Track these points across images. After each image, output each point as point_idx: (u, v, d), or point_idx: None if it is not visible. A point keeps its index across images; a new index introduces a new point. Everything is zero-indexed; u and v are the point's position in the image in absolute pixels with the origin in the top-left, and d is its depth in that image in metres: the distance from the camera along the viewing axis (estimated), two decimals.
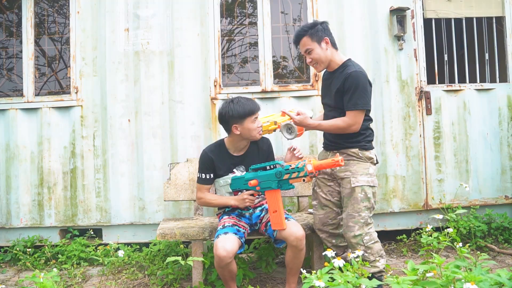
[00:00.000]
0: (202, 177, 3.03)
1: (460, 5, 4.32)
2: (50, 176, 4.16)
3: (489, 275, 1.67)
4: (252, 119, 2.92)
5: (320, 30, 2.86)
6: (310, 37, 2.86)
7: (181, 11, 4.17)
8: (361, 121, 2.77)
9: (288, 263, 2.86)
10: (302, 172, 2.62)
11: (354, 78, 2.73)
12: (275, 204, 2.73)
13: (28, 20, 4.26)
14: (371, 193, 2.81)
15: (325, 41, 2.86)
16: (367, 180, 2.80)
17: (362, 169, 2.81)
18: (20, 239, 4.08)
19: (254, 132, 2.94)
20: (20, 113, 4.18)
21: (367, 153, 2.85)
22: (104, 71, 4.15)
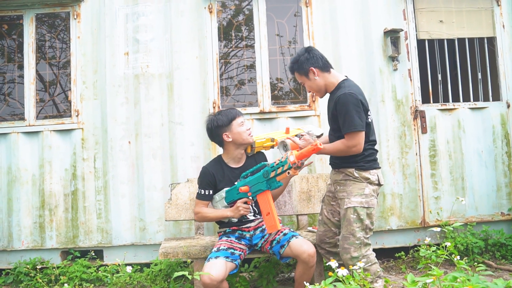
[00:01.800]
0: (201, 193, 3.12)
1: (452, 26, 4.43)
2: (51, 198, 4.20)
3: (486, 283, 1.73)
4: (238, 122, 3.06)
5: (304, 62, 2.87)
6: (298, 72, 2.92)
7: (179, 34, 4.27)
8: (362, 141, 2.71)
9: (297, 279, 2.96)
10: (286, 165, 2.67)
11: (343, 101, 2.70)
12: (267, 207, 2.78)
13: (30, 46, 4.35)
14: (365, 214, 2.76)
15: (311, 72, 2.86)
16: (360, 201, 2.76)
17: (357, 189, 2.78)
18: (21, 261, 4.11)
19: (244, 134, 3.06)
20: (21, 137, 4.24)
21: (365, 173, 2.80)
22: (105, 94, 4.23)
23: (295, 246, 2.87)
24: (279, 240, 2.99)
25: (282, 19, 4.41)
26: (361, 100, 2.73)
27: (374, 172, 2.83)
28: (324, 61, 2.91)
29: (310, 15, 4.33)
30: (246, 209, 2.94)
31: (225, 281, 2.84)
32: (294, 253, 2.88)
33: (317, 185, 3.86)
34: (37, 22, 4.40)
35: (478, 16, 4.48)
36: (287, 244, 2.93)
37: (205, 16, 4.30)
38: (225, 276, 2.78)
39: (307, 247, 2.85)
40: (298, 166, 2.68)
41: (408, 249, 4.26)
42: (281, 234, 3.02)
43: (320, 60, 2.89)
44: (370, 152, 2.85)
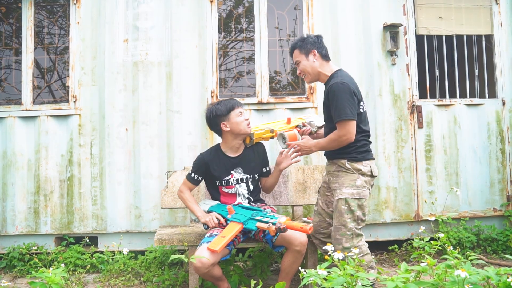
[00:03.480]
0: (191, 175, 3.18)
1: (451, 23, 4.46)
2: (46, 184, 4.18)
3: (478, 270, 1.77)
4: (236, 113, 3.08)
5: (310, 43, 2.95)
6: (299, 49, 2.97)
7: (179, 23, 4.26)
8: (353, 130, 2.73)
9: (285, 268, 2.94)
10: (272, 220, 2.72)
11: (335, 90, 2.75)
12: (228, 232, 2.80)
13: (28, 30, 4.32)
14: (356, 205, 2.78)
15: (313, 53, 2.94)
16: (351, 192, 2.78)
17: (348, 180, 2.80)
18: (15, 246, 4.09)
19: (242, 125, 3.08)
20: (18, 121, 4.22)
21: (357, 164, 2.81)
22: (103, 81, 4.21)
23: (287, 234, 2.87)
24: None
25: (282, 10, 4.42)
26: (353, 90, 2.76)
27: (367, 163, 2.85)
28: (326, 52, 3.02)
29: (310, 7, 4.34)
30: (214, 223, 2.97)
31: (217, 266, 2.87)
32: (287, 240, 2.88)
33: (313, 176, 3.88)
34: (36, 7, 4.37)
35: (477, 14, 4.51)
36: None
37: (205, 5, 4.29)
38: (216, 260, 2.80)
39: (299, 235, 2.86)
40: (280, 230, 2.65)
41: (401, 242, 4.30)
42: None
43: (324, 49, 3.00)
44: (363, 143, 2.87)
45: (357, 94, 2.80)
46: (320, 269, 1.80)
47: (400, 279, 1.78)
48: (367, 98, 4.30)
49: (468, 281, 1.70)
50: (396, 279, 1.77)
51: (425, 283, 1.85)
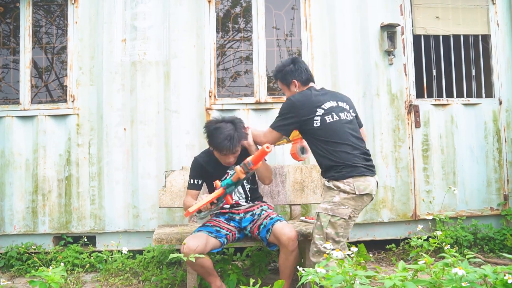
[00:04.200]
0: (191, 182, 3.20)
1: (448, 23, 4.48)
2: (44, 183, 4.19)
3: (475, 268, 1.78)
4: (221, 153, 3.02)
5: (288, 74, 2.95)
6: (281, 81, 3.02)
7: (177, 23, 4.27)
8: (270, 139, 2.91)
9: (280, 266, 2.95)
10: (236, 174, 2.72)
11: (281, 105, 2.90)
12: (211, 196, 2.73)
13: (26, 29, 4.32)
14: (327, 222, 2.66)
15: (293, 84, 2.95)
16: (325, 208, 2.69)
17: (328, 196, 2.72)
18: (13, 246, 4.09)
19: (223, 161, 3.11)
20: (16, 121, 4.22)
21: (338, 182, 2.68)
22: (101, 80, 4.22)
23: (276, 229, 2.89)
24: (265, 224, 3.00)
25: (280, 10, 4.43)
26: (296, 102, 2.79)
27: (349, 181, 2.67)
28: (308, 76, 2.97)
29: (308, 7, 4.36)
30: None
31: (206, 257, 2.87)
32: (276, 236, 2.89)
33: (311, 176, 3.89)
34: (33, 6, 4.37)
35: (474, 14, 4.53)
36: (271, 229, 2.94)
37: (203, 5, 4.30)
38: (204, 248, 2.82)
39: (287, 230, 2.85)
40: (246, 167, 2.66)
41: (399, 241, 4.31)
42: (268, 218, 3.05)
43: (304, 74, 2.96)
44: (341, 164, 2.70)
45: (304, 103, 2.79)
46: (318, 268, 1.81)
47: (398, 278, 1.79)
48: (364, 97, 4.32)
49: (466, 279, 1.71)
50: (394, 278, 1.78)
51: (422, 281, 1.86)
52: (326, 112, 2.78)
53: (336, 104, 2.85)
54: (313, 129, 2.77)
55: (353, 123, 2.87)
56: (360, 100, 4.30)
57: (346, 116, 2.84)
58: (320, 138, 2.77)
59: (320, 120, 2.77)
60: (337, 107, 2.84)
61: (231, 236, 3.07)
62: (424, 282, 1.86)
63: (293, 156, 3.09)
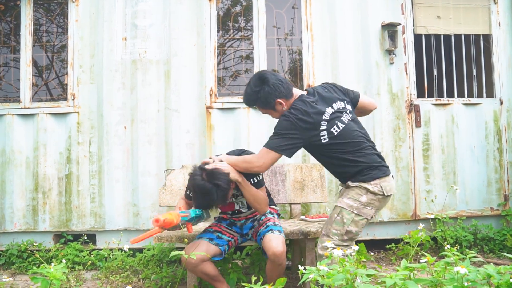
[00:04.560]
0: (187, 192, 3.00)
1: (449, 22, 4.47)
2: (45, 181, 4.19)
3: (477, 268, 1.77)
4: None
5: (267, 97, 2.61)
6: (261, 106, 2.70)
7: (178, 21, 4.27)
8: (267, 162, 2.56)
9: (266, 272, 2.87)
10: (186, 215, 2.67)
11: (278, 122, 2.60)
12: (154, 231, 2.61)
13: (27, 28, 4.32)
14: (350, 219, 2.54)
15: (278, 103, 2.62)
16: (350, 205, 2.55)
17: (354, 193, 2.57)
18: (14, 244, 4.10)
19: None
20: (16, 119, 4.23)
21: (366, 184, 2.55)
22: (101, 79, 4.22)
23: (265, 241, 2.76)
24: (260, 232, 2.92)
25: (281, 9, 4.42)
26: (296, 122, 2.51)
27: (376, 183, 2.56)
28: (286, 86, 2.65)
29: (309, 6, 4.35)
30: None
31: (209, 263, 2.85)
32: (264, 248, 2.78)
33: (311, 175, 3.89)
34: (34, 5, 4.37)
35: (475, 13, 4.52)
36: (263, 238, 2.82)
37: (204, 3, 4.29)
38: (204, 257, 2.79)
39: (274, 244, 2.69)
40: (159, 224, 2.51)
41: (398, 241, 4.31)
42: (264, 226, 2.95)
43: (282, 86, 2.63)
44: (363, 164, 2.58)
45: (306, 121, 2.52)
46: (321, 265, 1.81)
47: (399, 276, 1.78)
48: None
49: (467, 278, 1.71)
50: (395, 276, 1.77)
51: (423, 280, 1.86)
52: (329, 123, 2.56)
53: (332, 109, 2.61)
54: (322, 145, 2.57)
55: (356, 121, 2.69)
56: None
57: (348, 117, 2.64)
58: (334, 152, 2.58)
59: (328, 135, 2.55)
60: (337, 112, 2.61)
61: (233, 242, 3.03)
62: (425, 281, 1.86)
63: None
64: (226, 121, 4.21)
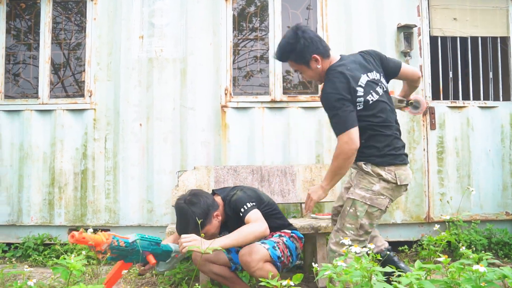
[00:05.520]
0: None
1: (465, 25, 4.44)
2: (61, 177, 4.26)
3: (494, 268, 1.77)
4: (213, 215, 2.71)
5: (304, 50, 2.45)
6: (295, 61, 2.52)
7: (194, 20, 4.31)
8: (349, 139, 2.33)
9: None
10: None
11: (322, 103, 2.46)
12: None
13: (46, 25, 4.40)
14: (364, 211, 2.42)
15: (314, 60, 2.47)
16: (363, 196, 2.43)
17: (366, 182, 2.45)
18: (30, 237, 4.17)
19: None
20: (34, 114, 4.30)
21: (378, 169, 2.43)
22: (118, 76, 4.28)
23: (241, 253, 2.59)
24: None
25: (296, 9, 4.44)
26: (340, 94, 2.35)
27: (391, 169, 2.43)
28: (325, 44, 2.51)
29: (325, 7, 4.36)
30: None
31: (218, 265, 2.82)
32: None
33: (320, 175, 3.91)
34: (53, 3, 4.45)
35: (492, 15, 4.48)
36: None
37: (220, 3, 4.33)
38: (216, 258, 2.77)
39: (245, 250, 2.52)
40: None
41: (411, 243, 4.29)
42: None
43: (320, 43, 2.48)
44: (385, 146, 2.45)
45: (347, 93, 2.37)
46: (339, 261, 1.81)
47: (414, 276, 1.78)
48: None
49: (484, 279, 1.70)
50: (410, 276, 1.77)
51: (439, 281, 1.85)
52: (365, 90, 2.41)
53: (368, 78, 2.46)
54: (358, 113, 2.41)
55: (389, 98, 2.58)
56: None
57: (381, 87, 2.50)
58: (364, 121, 2.41)
59: (364, 102, 2.41)
60: (372, 81, 2.47)
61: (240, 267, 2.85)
62: (440, 282, 1.86)
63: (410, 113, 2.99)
64: (241, 120, 4.24)
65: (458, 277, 1.87)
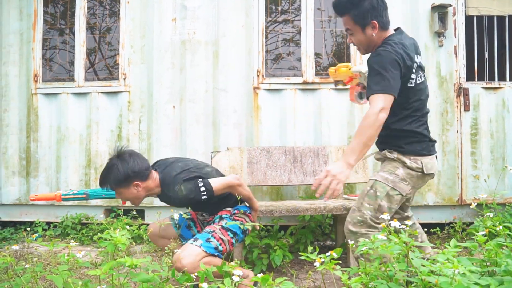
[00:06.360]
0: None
1: (504, 3, 4.33)
2: (97, 158, 4.36)
3: None
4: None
5: (368, 11, 2.26)
6: (353, 19, 2.32)
7: (226, 2, 4.31)
8: (386, 105, 2.15)
9: None
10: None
11: (371, 60, 2.25)
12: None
13: (81, 9, 4.47)
14: (384, 193, 2.32)
15: (372, 26, 2.29)
16: (385, 178, 2.33)
17: (390, 167, 2.37)
18: (68, 216, 4.31)
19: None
20: (71, 97, 4.40)
21: (404, 157, 2.34)
22: (151, 59, 4.33)
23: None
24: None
25: None
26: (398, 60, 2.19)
27: (416, 159, 2.35)
28: (387, 18, 2.35)
29: None
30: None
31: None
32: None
33: None
34: None
35: None
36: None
37: None
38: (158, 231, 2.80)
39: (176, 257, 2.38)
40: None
41: (443, 225, 4.28)
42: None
43: (384, 12, 2.32)
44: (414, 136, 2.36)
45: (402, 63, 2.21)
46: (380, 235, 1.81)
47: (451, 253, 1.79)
48: None
49: None
50: (446, 253, 1.78)
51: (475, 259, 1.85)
52: (416, 69, 2.29)
53: (418, 59, 2.35)
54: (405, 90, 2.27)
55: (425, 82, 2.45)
56: None
57: (425, 74, 2.42)
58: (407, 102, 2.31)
59: (415, 80, 2.28)
60: (421, 64, 2.37)
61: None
62: (477, 260, 1.86)
63: (351, 100, 2.75)
64: (273, 102, 4.25)
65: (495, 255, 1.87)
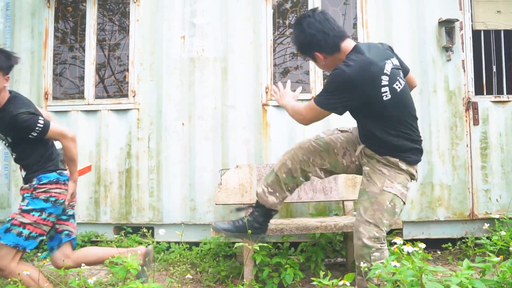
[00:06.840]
0: None
1: (510, 17, 4.35)
2: (106, 175, 4.37)
3: None
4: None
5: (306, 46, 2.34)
6: (303, 53, 2.44)
7: (235, 19, 4.35)
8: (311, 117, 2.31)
9: None
10: None
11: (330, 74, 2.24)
12: None
13: (91, 27, 4.51)
14: (400, 208, 2.32)
15: (316, 56, 2.34)
16: (401, 192, 2.30)
17: (402, 179, 2.33)
18: (77, 234, 4.28)
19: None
20: (80, 115, 4.42)
21: (411, 168, 2.35)
22: (161, 76, 4.36)
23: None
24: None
25: (336, 6, 4.43)
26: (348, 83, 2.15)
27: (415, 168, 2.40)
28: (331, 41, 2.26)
29: (364, 3, 4.33)
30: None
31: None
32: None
33: None
34: (98, 5, 4.55)
35: None
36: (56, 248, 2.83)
37: (260, 1, 4.35)
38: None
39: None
40: None
41: (455, 240, 4.24)
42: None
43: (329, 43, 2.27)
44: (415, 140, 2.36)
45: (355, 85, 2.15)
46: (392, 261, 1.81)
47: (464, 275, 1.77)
48: (421, 94, 4.26)
49: None
50: (460, 275, 1.76)
51: (489, 280, 1.83)
52: (390, 79, 2.21)
53: (392, 64, 2.25)
54: (382, 104, 2.20)
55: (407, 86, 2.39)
56: (416, 97, 4.22)
57: (402, 77, 2.32)
58: (392, 114, 2.26)
59: (390, 90, 2.20)
60: (395, 68, 2.26)
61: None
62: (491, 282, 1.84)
63: None
64: (282, 119, 4.25)
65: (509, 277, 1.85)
